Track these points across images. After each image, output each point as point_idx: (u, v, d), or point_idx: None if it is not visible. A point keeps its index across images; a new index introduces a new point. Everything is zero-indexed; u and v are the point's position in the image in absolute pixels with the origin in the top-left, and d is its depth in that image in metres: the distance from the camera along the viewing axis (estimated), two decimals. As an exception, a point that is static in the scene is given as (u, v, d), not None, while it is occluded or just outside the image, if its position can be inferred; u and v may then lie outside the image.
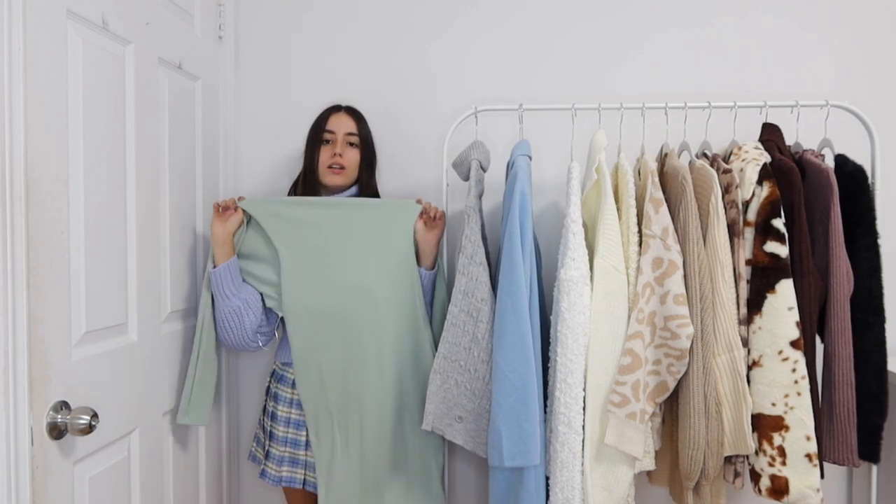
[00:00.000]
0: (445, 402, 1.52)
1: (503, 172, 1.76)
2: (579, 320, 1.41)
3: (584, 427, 1.42)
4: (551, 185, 1.91)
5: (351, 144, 1.71)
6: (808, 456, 1.40)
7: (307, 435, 1.65)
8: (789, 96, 1.66)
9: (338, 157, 1.68)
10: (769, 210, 1.44)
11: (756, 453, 1.44)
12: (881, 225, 1.52)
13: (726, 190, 1.48)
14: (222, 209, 1.60)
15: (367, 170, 1.73)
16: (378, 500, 1.63)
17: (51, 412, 1.15)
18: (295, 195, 1.75)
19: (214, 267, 1.60)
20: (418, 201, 1.63)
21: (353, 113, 1.75)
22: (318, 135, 1.71)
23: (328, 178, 1.69)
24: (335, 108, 1.75)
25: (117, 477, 1.38)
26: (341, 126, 1.70)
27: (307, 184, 1.72)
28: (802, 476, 1.40)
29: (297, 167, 1.95)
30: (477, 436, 1.52)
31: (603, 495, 1.43)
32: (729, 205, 1.48)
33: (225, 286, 1.59)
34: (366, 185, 1.73)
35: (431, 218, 1.61)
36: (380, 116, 1.84)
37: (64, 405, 1.18)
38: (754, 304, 1.45)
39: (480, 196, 1.57)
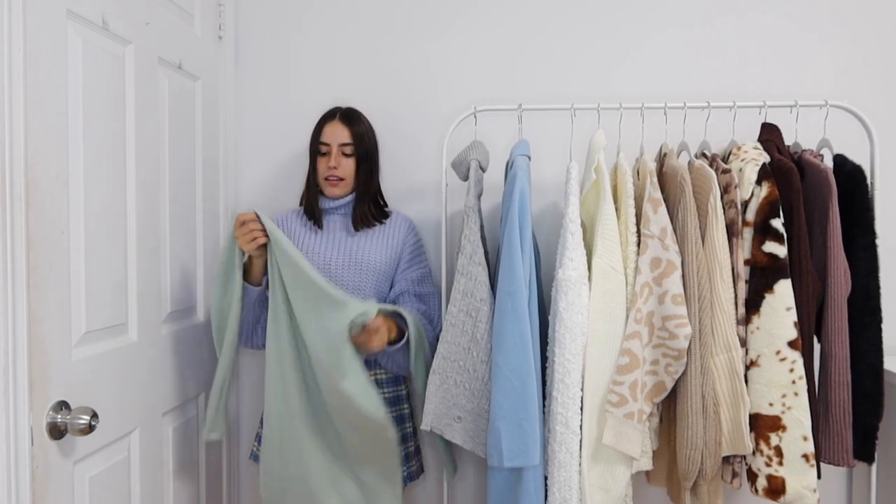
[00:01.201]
0: (444, 402, 1.52)
1: (502, 172, 1.76)
2: (577, 320, 1.41)
3: (581, 427, 1.42)
4: (550, 185, 1.91)
5: (346, 154, 1.70)
6: (805, 456, 1.40)
7: None
8: (789, 96, 1.66)
9: (333, 170, 1.68)
10: (768, 210, 1.44)
11: (753, 453, 1.44)
12: (879, 225, 1.53)
13: (725, 190, 1.48)
14: (246, 225, 1.48)
15: (365, 176, 1.72)
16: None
17: (51, 412, 1.15)
18: (303, 205, 1.76)
19: (249, 282, 1.56)
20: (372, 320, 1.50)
21: (347, 119, 1.71)
22: (314, 146, 1.72)
23: (327, 189, 1.71)
24: (330, 115, 1.72)
25: (117, 477, 1.38)
26: (335, 137, 1.69)
27: (310, 194, 1.74)
28: (799, 476, 1.40)
29: (296, 167, 1.96)
30: (476, 436, 1.52)
31: (600, 495, 1.43)
32: (728, 205, 1.48)
33: (256, 304, 1.59)
34: (363, 192, 1.72)
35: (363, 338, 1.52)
36: (380, 116, 1.84)
37: (64, 405, 1.18)
38: (752, 305, 1.45)
39: (479, 196, 1.57)
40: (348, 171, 1.70)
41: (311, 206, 1.73)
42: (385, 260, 1.70)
